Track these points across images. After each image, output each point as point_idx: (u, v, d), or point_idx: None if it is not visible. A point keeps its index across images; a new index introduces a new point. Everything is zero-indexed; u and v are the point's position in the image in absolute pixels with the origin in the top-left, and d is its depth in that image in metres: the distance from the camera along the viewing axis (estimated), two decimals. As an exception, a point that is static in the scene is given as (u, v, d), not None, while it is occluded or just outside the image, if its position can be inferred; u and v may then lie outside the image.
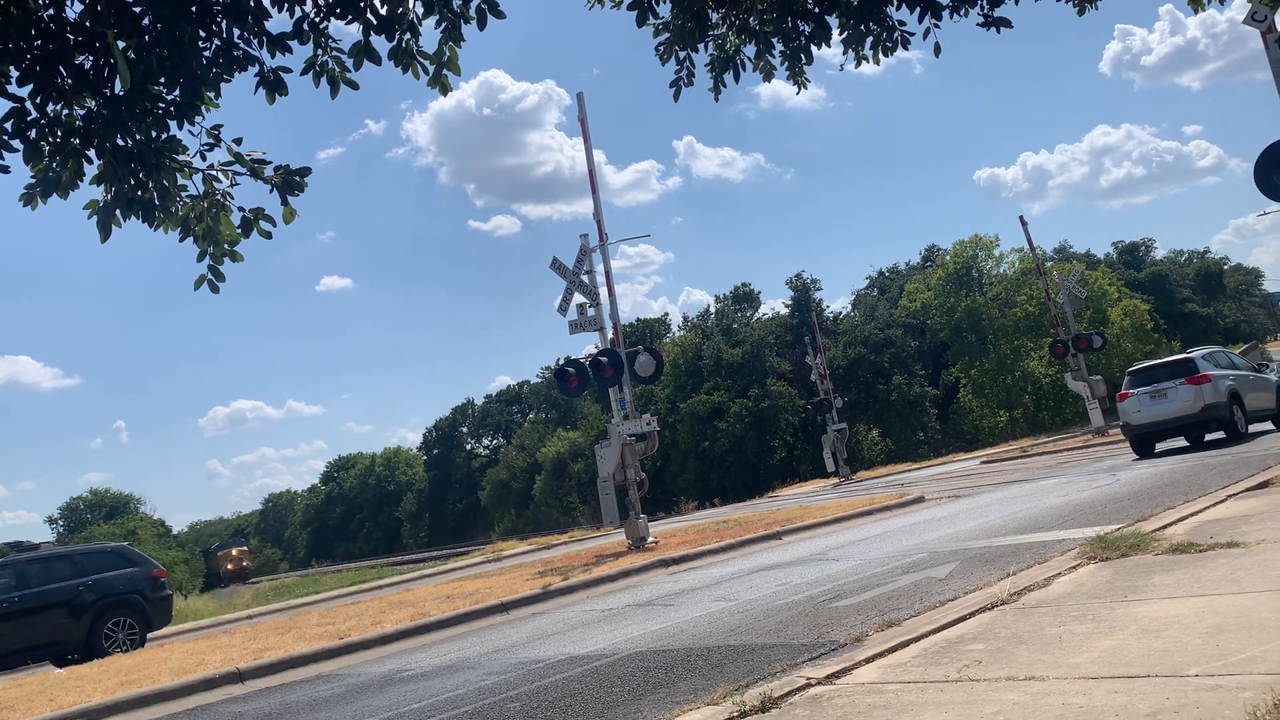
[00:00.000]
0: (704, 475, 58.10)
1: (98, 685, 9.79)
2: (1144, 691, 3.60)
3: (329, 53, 4.18)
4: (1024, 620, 5.22)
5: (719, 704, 4.52)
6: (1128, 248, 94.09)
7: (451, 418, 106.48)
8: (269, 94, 3.97)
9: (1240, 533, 6.75)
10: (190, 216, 3.93)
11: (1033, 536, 9.18)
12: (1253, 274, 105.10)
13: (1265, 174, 9.63)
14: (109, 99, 3.62)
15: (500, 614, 10.94)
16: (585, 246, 17.13)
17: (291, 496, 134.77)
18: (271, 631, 12.61)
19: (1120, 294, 66.74)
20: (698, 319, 73.12)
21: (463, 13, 4.35)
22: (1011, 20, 5.38)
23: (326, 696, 7.61)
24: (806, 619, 6.83)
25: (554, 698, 5.67)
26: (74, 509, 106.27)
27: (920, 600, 6.70)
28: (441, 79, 4.39)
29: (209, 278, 4.10)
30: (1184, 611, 4.78)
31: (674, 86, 5.63)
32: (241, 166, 4.01)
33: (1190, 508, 8.63)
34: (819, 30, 5.41)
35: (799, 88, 5.84)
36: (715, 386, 60.64)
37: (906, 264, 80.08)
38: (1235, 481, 10.29)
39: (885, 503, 16.87)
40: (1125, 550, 6.67)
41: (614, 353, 16.46)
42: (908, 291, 68.99)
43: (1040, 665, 4.24)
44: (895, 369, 61.36)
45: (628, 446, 16.10)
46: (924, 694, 4.13)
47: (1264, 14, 9.46)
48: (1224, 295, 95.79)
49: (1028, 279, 58.93)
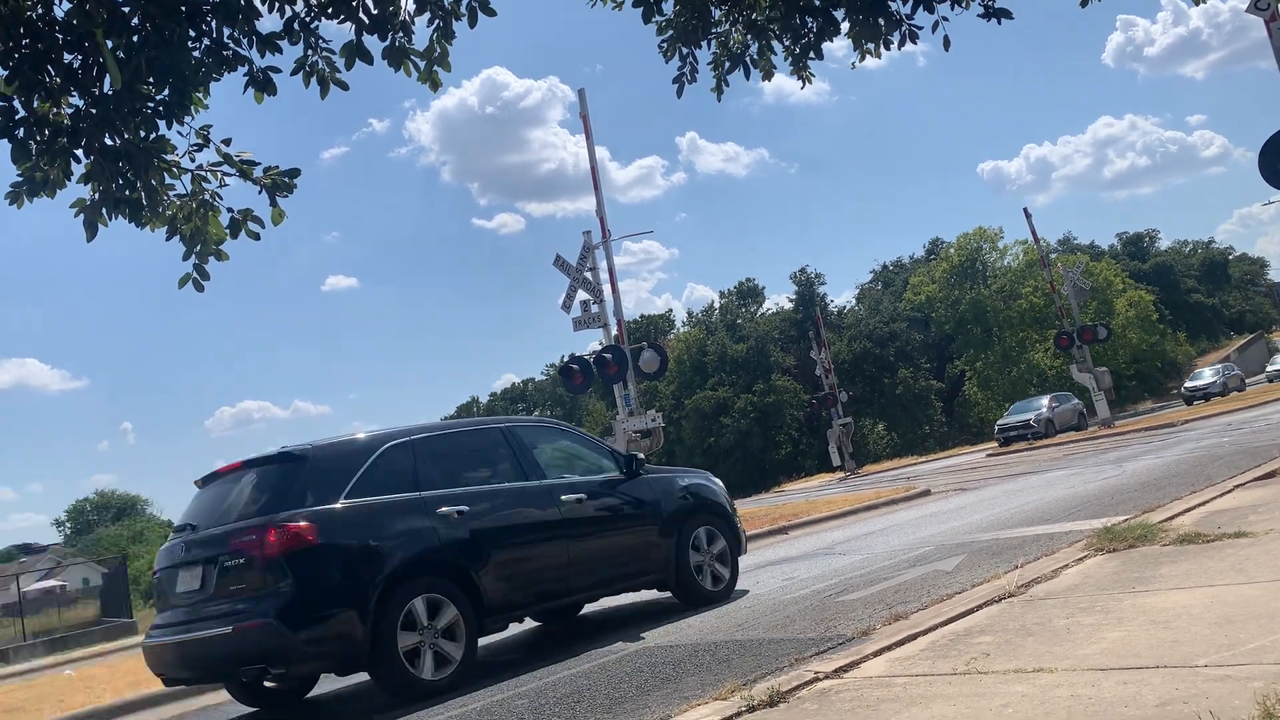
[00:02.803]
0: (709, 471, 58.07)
1: (108, 686, 9.82)
2: (1153, 682, 3.57)
3: (319, 53, 4.16)
4: (1032, 612, 5.19)
5: (727, 699, 4.49)
6: (1132, 239, 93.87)
7: (457, 416, 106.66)
8: (258, 94, 3.95)
9: (1248, 523, 6.71)
10: (178, 216, 3.92)
11: (1040, 529, 9.14)
12: (1258, 263, 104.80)
13: (1270, 163, 9.57)
14: (97, 98, 3.61)
15: (506, 612, 10.92)
16: (588, 243, 17.12)
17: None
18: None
19: (1125, 285, 66.58)
20: (702, 315, 73.15)
21: (454, 10, 4.33)
22: (1011, 11, 5.34)
23: (331, 693, 7.60)
24: (813, 613, 6.80)
25: (561, 694, 5.66)
26: (81, 511, 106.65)
27: (927, 593, 6.67)
28: (432, 75, 4.37)
29: (194, 276, 4.08)
30: (1192, 602, 4.75)
31: (677, 83, 5.61)
32: (230, 167, 4.00)
33: (1197, 498, 8.58)
34: (827, 26, 5.37)
35: (803, 83, 5.81)
36: (720, 382, 60.63)
37: (911, 257, 80.00)
38: (1242, 472, 10.23)
39: (891, 496, 16.84)
40: (1133, 541, 6.63)
41: (618, 349, 16.44)
42: (912, 285, 68.88)
43: (1048, 657, 4.20)
44: (900, 362, 61.29)
45: (632, 442, 16.09)
46: (932, 687, 4.10)
47: (1267, 2, 9.40)
48: (1229, 285, 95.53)
49: (1032, 271, 58.86)
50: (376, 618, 6.20)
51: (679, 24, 5.39)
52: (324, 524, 6.31)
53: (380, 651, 6.20)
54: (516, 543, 7.17)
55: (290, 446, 7.07)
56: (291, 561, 6.11)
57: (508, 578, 6.99)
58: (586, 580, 7.59)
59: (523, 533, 7.25)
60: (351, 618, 6.17)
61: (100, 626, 29.18)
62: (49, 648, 24.43)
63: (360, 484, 6.64)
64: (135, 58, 3.54)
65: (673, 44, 5.47)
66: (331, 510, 6.43)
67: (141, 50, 3.56)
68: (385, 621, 6.21)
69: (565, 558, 7.42)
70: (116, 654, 15.64)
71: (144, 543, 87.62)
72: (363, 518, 6.52)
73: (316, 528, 6.25)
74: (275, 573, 6.11)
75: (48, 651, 23.12)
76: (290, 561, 6.11)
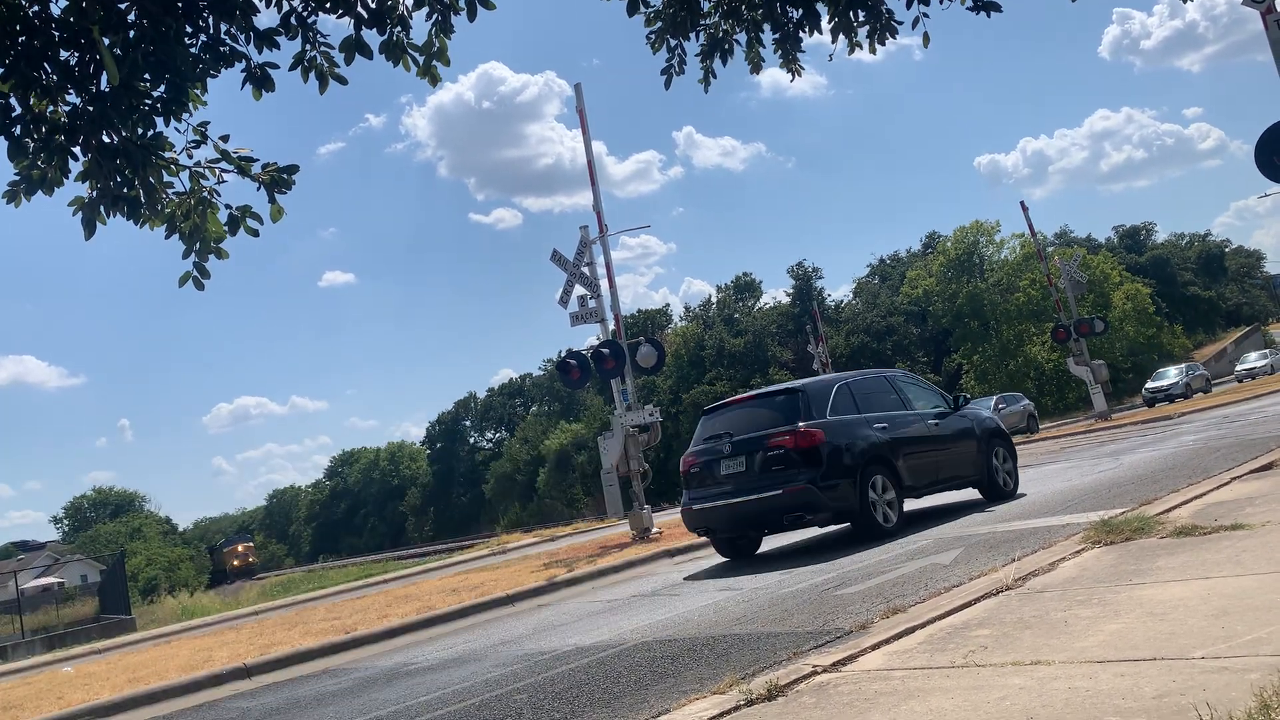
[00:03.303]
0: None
1: (106, 683, 9.82)
2: (1150, 674, 3.58)
3: (317, 48, 4.14)
4: (1029, 605, 5.20)
5: (725, 693, 4.50)
6: (1129, 231, 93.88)
7: (455, 411, 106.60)
8: (256, 90, 3.93)
9: (1245, 515, 6.72)
10: (177, 214, 3.90)
11: (1037, 521, 9.16)
12: (1254, 256, 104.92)
13: (1266, 156, 9.58)
14: (94, 95, 3.59)
15: (506, 606, 10.95)
16: (585, 238, 17.09)
17: (296, 492, 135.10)
18: (278, 627, 12.63)
19: (1122, 278, 66.59)
20: (699, 309, 73.13)
21: (452, 4, 4.31)
22: (1000, 3, 5.31)
23: (334, 691, 7.61)
24: (811, 607, 6.82)
25: (560, 689, 5.67)
26: (79, 508, 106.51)
27: (925, 587, 6.69)
28: (431, 70, 4.35)
29: (194, 275, 4.06)
30: (1189, 594, 4.76)
31: (665, 75, 5.59)
32: (228, 164, 3.98)
33: (1194, 490, 8.60)
34: (808, 17, 5.37)
35: (793, 75, 5.79)
36: (718, 376, 60.64)
37: (908, 251, 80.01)
38: (1239, 464, 10.25)
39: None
40: (1130, 534, 6.64)
41: (616, 344, 16.43)
42: (909, 279, 68.86)
43: (1046, 650, 4.22)
44: (898, 356, 61.30)
45: (630, 438, 16.10)
46: (930, 680, 4.11)
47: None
48: (1225, 278, 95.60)
49: (1029, 264, 58.86)
50: (860, 486, 9.91)
51: (667, 15, 5.37)
52: (825, 429, 10.06)
53: (862, 507, 9.92)
54: (913, 448, 10.87)
55: (790, 384, 11.45)
56: (813, 451, 9.86)
57: (911, 469, 10.64)
58: (944, 475, 11.26)
59: (916, 442, 11.00)
60: (849, 485, 9.89)
61: (98, 623, 29.20)
62: (47, 644, 24.45)
63: (832, 407, 10.46)
64: (132, 54, 3.52)
65: (660, 35, 5.45)
66: (826, 421, 10.18)
67: (138, 47, 3.54)
68: (862, 488, 9.91)
69: (935, 460, 11.18)
70: (115, 650, 15.63)
71: (142, 539, 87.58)
72: (843, 426, 10.27)
73: (823, 432, 10.01)
74: (803, 458, 9.85)
75: (46, 648, 23.11)
76: (812, 451, 9.86)
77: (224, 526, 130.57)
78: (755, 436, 10.22)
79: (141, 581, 67.95)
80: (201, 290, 4.07)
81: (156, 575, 74.77)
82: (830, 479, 9.78)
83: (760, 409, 10.78)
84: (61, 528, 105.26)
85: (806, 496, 9.68)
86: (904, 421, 10.97)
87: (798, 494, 9.67)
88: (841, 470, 9.88)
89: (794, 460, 9.86)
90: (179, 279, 4.03)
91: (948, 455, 11.32)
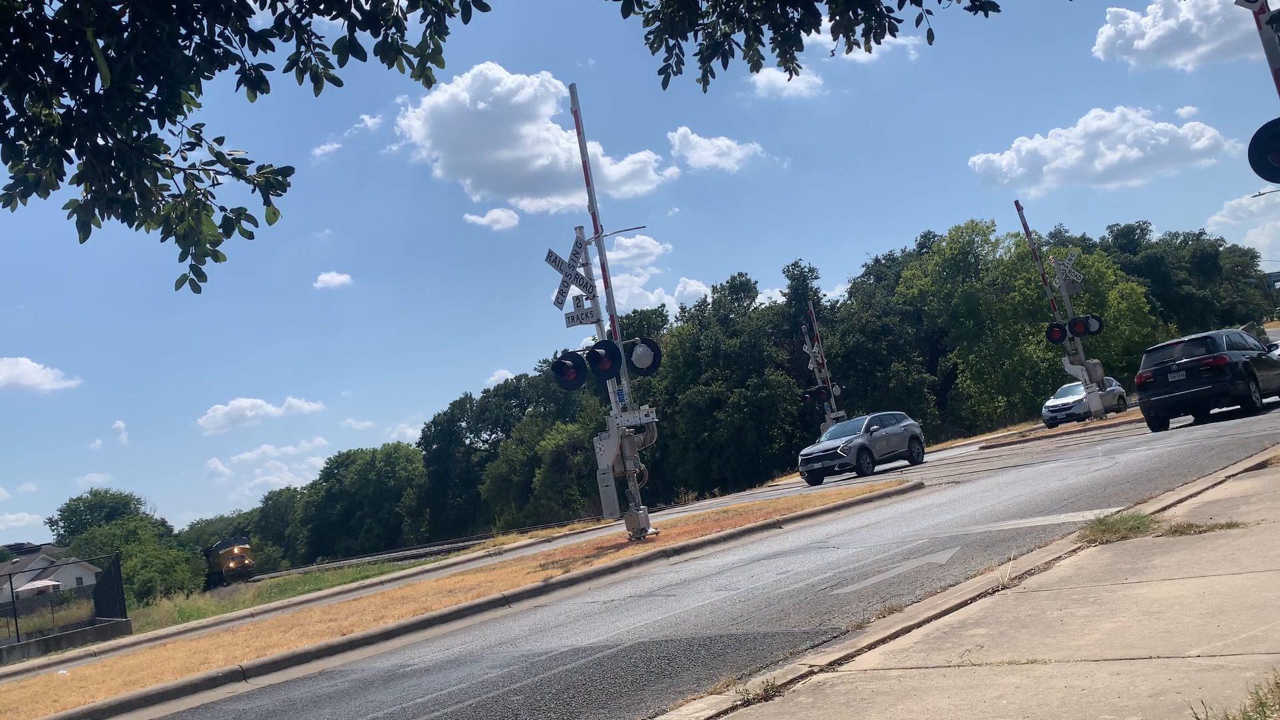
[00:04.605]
0: (703, 466, 58.10)
1: (101, 685, 9.79)
2: (1146, 673, 3.59)
3: (312, 49, 4.14)
4: (1025, 604, 5.21)
5: (722, 693, 4.51)
6: (1123, 231, 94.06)
7: (450, 412, 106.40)
8: (250, 91, 3.92)
9: (1239, 513, 6.74)
10: (171, 216, 3.89)
11: (1033, 521, 9.18)
12: (1248, 255, 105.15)
13: (1260, 155, 9.59)
14: (89, 97, 3.58)
15: (502, 607, 10.94)
16: (580, 239, 17.08)
17: (292, 494, 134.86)
18: (274, 629, 12.61)
19: (1117, 277, 66.73)
20: (695, 310, 73.08)
21: (447, 5, 4.31)
22: (998, 3, 5.32)
23: (330, 693, 7.60)
24: (808, 607, 6.82)
25: (557, 690, 5.67)
26: (74, 510, 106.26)
27: (921, 586, 6.70)
28: (426, 71, 4.34)
29: (190, 277, 4.05)
30: (1185, 593, 4.77)
31: (663, 74, 5.58)
32: (223, 166, 3.97)
33: (1189, 489, 8.62)
34: (808, 17, 5.37)
35: (790, 74, 5.79)
36: (713, 377, 60.61)
37: (903, 251, 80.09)
38: (1234, 462, 10.29)
39: (885, 489, 16.87)
40: (1125, 533, 6.66)
41: (611, 345, 16.42)
42: (904, 278, 68.92)
43: (1042, 649, 4.23)
44: (893, 356, 61.33)
45: (626, 438, 16.08)
46: (926, 679, 4.12)
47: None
48: (1220, 277, 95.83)
49: (1024, 264, 58.95)
50: (1248, 386, 19.50)
51: (665, 15, 5.37)
52: (1229, 356, 19.54)
53: (1248, 395, 19.50)
54: (1264, 369, 20.56)
55: (1201, 334, 21.93)
56: (1226, 367, 19.27)
57: (1263, 379, 20.27)
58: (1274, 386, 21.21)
59: (1268, 364, 21.10)
60: (1248, 384, 19.53)
61: (94, 625, 29.09)
62: (42, 647, 24.36)
63: (1228, 344, 20.43)
64: (126, 56, 3.51)
65: (659, 35, 5.45)
66: (1227, 351, 19.76)
67: (132, 49, 3.53)
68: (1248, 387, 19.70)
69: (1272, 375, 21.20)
70: (110, 653, 15.59)
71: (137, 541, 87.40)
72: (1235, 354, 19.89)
73: (1228, 356, 19.46)
74: (1223, 370, 19.27)
75: (41, 651, 23.04)
76: (1226, 366, 19.27)
77: (219, 528, 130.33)
78: (1195, 360, 19.50)
79: (137, 584, 67.74)
80: (198, 293, 4.06)
81: (152, 578, 74.54)
82: (1238, 380, 19.10)
83: (1198, 347, 20.05)
84: (57, 530, 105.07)
85: (1228, 389, 19.06)
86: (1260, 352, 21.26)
87: (1222, 390, 19.07)
88: (1242, 375, 19.27)
89: (1217, 372, 19.11)
90: (176, 281, 4.02)
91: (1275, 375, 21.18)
